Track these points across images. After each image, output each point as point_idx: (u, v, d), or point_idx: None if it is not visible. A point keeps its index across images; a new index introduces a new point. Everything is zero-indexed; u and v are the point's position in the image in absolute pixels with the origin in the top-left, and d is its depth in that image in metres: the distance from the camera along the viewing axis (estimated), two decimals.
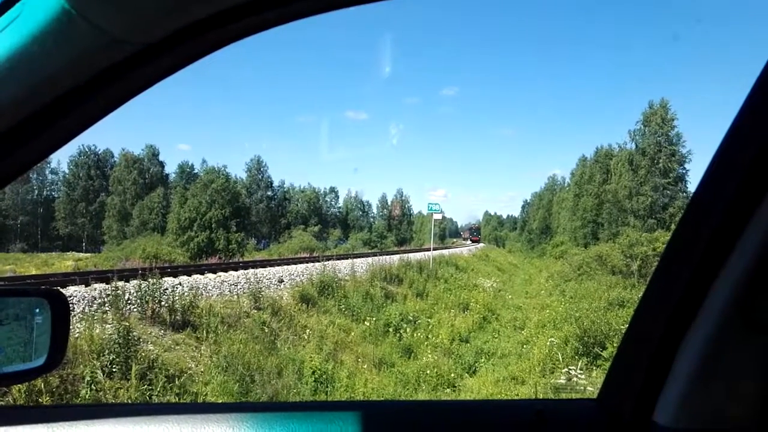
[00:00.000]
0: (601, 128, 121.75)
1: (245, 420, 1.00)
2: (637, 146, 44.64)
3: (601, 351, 11.03)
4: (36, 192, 73.89)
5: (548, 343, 11.70)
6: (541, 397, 8.09)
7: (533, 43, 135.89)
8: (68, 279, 11.64)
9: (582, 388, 9.06)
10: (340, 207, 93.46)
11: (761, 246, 0.88)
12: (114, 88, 0.73)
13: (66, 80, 0.68)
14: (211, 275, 14.51)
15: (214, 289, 11.94)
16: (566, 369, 10.06)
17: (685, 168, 43.45)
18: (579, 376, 9.68)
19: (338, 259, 21.72)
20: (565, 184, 74.93)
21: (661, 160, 42.42)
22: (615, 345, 11.03)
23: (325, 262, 17.08)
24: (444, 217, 55.76)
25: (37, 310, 1.17)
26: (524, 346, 12.93)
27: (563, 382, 9.48)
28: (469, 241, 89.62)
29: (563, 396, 8.57)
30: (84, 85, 0.69)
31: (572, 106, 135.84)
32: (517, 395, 9.23)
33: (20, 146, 0.73)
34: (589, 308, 13.60)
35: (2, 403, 5.38)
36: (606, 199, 48.61)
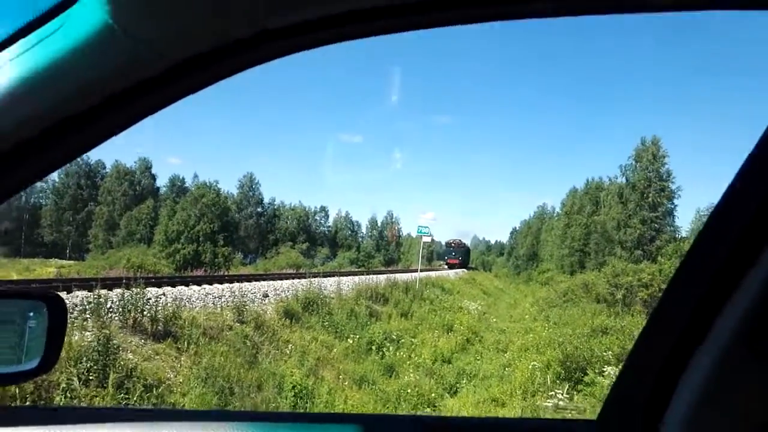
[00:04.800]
0: (591, 161, 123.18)
1: (230, 428, 0.99)
2: (627, 180, 45.30)
3: (583, 376, 11.07)
4: (23, 198, 73.14)
5: (530, 367, 11.70)
6: (534, 417, 8.08)
7: (528, 72, 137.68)
8: (50, 285, 11.52)
9: (568, 412, 9.07)
10: (329, 226, 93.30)
11: None
12: (143, 101, 0.75)
13: (101, 91, 0.70)
14: (195, 287, 14.41)
15: (197, 301, 11.87)
16: (552, 392, 10.07)
17: (673, 203, 44.29)
18: (564, 400, 9.69)
19: (325, 276, 21.65)
20: (555, 214, 75.57)
21: (650, 195, 43.07)
22: (596, 371, 11.07)
23: (312, 279, 17.03)
24: (433, 240, 55.97)
25: (31, 314, 1.17)
26: (506, 369, 12.92)
27: (548, 405, 9.48)
28: (445, 266, 63.73)
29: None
30: (117, 96, 0.71)
31: (563, 138, 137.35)
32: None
33: (50, 149, 0.75)
34: (573, 334, 13.65)
35: None
36: (594, 230, 49.09)
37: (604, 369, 11.03)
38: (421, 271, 30.55)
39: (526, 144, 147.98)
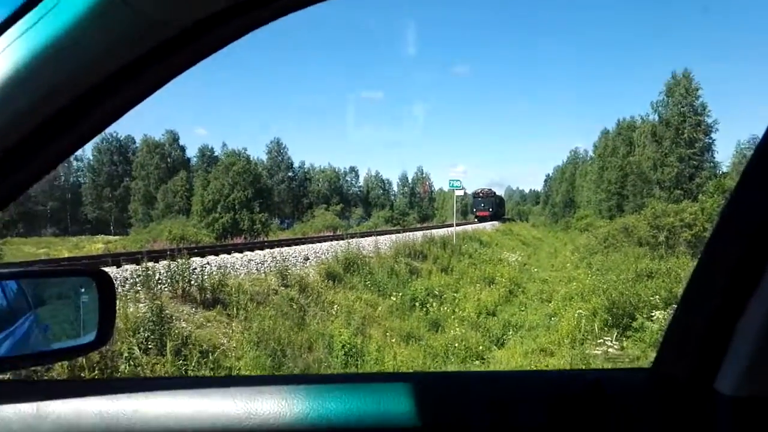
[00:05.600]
0: (622, 100, 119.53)
1: (298, 392, 1.01)
2: (660, 117, 43.79)
3: (631, 322, 10.96)
4: (63, 178, 75.37)
5: (576, 315, 11.64)
6: (586, 368, 8.06)
7: (552, 10, 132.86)
8: (100, 261, 11.87)
9: (619, 359, 9.03)
10: (360, 186, 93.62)
11: None
12: (154, 71, 0.72)
13: (107, 65, 0.68)
14: (237, 254, 14.67)
15: (241, 268, 12.08)
16: (600, 340, 10.01)
17: (711, 138, 42.68)
18: (614, 346, 9.63)
19: (362, 236, 21.78)
20: (588, 158, 73.95)
21: (686, 131, 41.63)
22: (645, 316, 10.93)
23: (349, 240, 17.14)
24: (465, 193, 54.57)
25: (83, 289, 1.20)
26: (552, 319, 12.89)
27: (598, 353, 9.44)
28: (474, 219, 56.10)
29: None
30: (126, 69, 0.69)
31: (593, 78, 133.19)
32: (547, 366, 9.22)
33: (69, 128, 0.74)
34: (617, 280, 13.46)
35: (46, 378, 5.54)
36: (630, 171, 47.93)
37: (653, 313, 10.88)
38: (457, 225, 30.44)
39: (553, 87, 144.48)
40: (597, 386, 1.06)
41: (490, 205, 59.65)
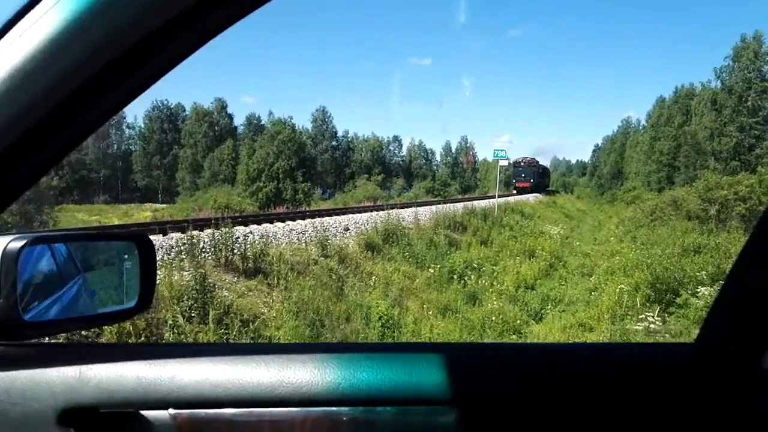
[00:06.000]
0: (681, 66, 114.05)
1: (330, 360, 1.02)
2: (723, 84, 41.68)
3: (675, 298, 10.70)
4: (115, 146, 77.72)
5: (618, 290, 11.43)
6: (627, 342, 7.97)
7: None
8: (147, 228, 12.29)
9: (660, 336, 8.87)
10: (403, 156, 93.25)
11: None
12: (186, 35, 0.72)
13: (139, 29, 0.67)
14: (279, 224, 14.94)
15: (283, 238, 12.31)
16: (642, 315, 9.83)
17: None
18: (655, 322, 9.45)
19: (402, 207, 21.78)
20: (640, 127, 71.40)
21: (750, 98, 39.56)
22: (689, 292, 10.65)
23: (389, 211, 17.18)
24: (509, 164, 52.26)
25: (126, 255, 1.24)
26: (592, 294, 12.70)
27: (638, 328, 9.28)
28: (514, 191, 51.15)
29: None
30: (156, 33, 0.68)
31: (649, 43, 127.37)
32: (586, 341, 9.15)
33: (116, 85, 0.74)
34: (662, 255, 13.11)
35: (97, 342, 5.84)
36: (684, 142, 46.12)
37: (698, 290, 10.58)
38: (499, 196, 30.09)
39: (607, 51, 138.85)
40: (636, 360, 1.05)
41: (532, 176, 54.27)
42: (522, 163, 55.58)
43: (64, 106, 0.73)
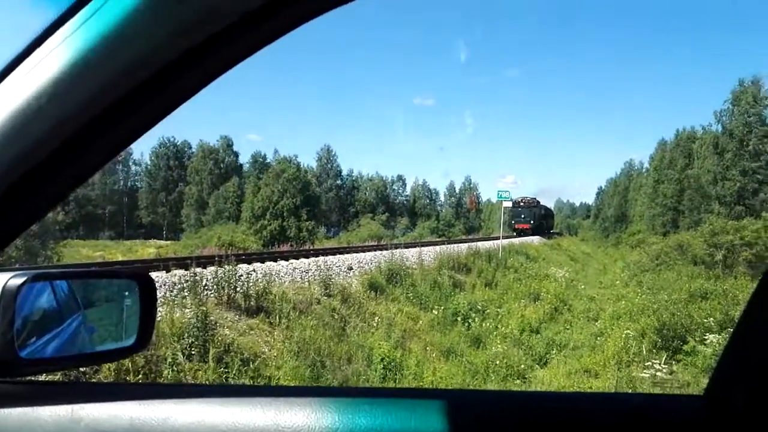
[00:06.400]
0: (680, 110, 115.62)
1: (328, 404, 0.99)
2: (723, 128, 41.96)
3: (682, 345, 10.53)
4: (121, 182, 78.40)
5: (624, 336, 11.28)
6: (632, 392, 7.80)
7: (608, 13, 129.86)
8: (151, 265, 12.28)
9: (667, 384, 8.68)
10: (407, 195, 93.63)
11: None
12: (209, 62, 0.73)
13: (162, 57, 0.68)
14: (283, 262, 14.90)
15: (286, 276, 12.26)
16: (649, 363, 9.66)
17: None
18: (662, 370, 9.27)
19: (406, 247, 21.76)
20: (643, 170, 71.74)
21: (751, 142, 39.65)
22: (697, 339, 10.49)
23: (393, 250, 17.14)
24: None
25: (126, 293, 1.23)
26: (598, 338, 12.54)
27: (645, 376, 9.10)
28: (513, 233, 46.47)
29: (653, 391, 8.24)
30: (178, 61, 0.69)
31: (649, 88, 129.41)
32: (590, 388, 8.96)
33: (123, 121, 0.75)
34: (669, 300, 12.99)
35: (94, 380, 5.75)
36: (688, 185, 46.18)
37: (706, 337, 10.43)
38: (504, 238, 30.04)
39: (609, 95, 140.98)
40: (644, 412, 1.01)
41: (532, 217, 50.24)
42: (521, 203, 51.23)
43: (71, 143, 0.73)
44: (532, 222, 49.61)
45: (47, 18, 0.70)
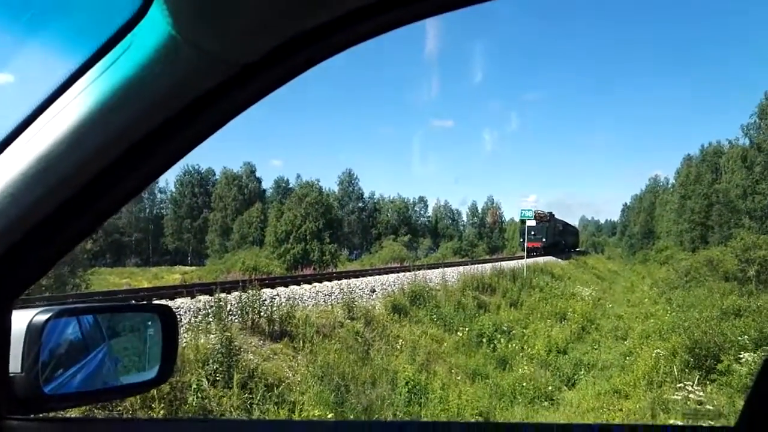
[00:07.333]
0: (705, 124, 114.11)
1: None
2: (751, 141, 41.21)
3: (716, 364, 10.22)
4: (147, 210, 79.75)
5: (654, 355, 10.99)
6: (665, 423, 7.58)
7: (624, 37, 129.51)
8: (176, 292, 12.39)
9: (701, 407, 8.41)
10: (429, 216, 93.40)
11: None
12: (217, 108, 0.76)
13: (173, 103, 0.72)
14: (306, 286, 14.93)
15: (309, 300, 12.27)
16: (681, 384, 9.37)
17: None
18: (695, 391, 8.98)
19: (429, 268, 21.62)
20: (669, 186, 70.75)
21: None
22: (732, 358, 10.17)
23: (416, 272, 17.07)
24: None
25: (149, 323, 1.26)
26: (627, 358, 12.25)
27: (677, 398, 8.83)
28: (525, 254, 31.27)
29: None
30: (190, 106, 0.73)
31: (673, 103, 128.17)
32: (621, 410, 8.74)
33: (137, 166, 0.78)
34: (700, 318, 12.62)
35: (116, 412, 5.79)
36: (716, 200, 45.34)
37: (741, 355, 10.10)
38: (528, 257, 29.71)
39: (631, 111, 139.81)
40: None
41: (543, 234, 41.12)
42: (535, 217, 36.88)
43: (96, 181, 0.76)
44: (544, 240, 41.11)
45: (71, 65, 0.73)
